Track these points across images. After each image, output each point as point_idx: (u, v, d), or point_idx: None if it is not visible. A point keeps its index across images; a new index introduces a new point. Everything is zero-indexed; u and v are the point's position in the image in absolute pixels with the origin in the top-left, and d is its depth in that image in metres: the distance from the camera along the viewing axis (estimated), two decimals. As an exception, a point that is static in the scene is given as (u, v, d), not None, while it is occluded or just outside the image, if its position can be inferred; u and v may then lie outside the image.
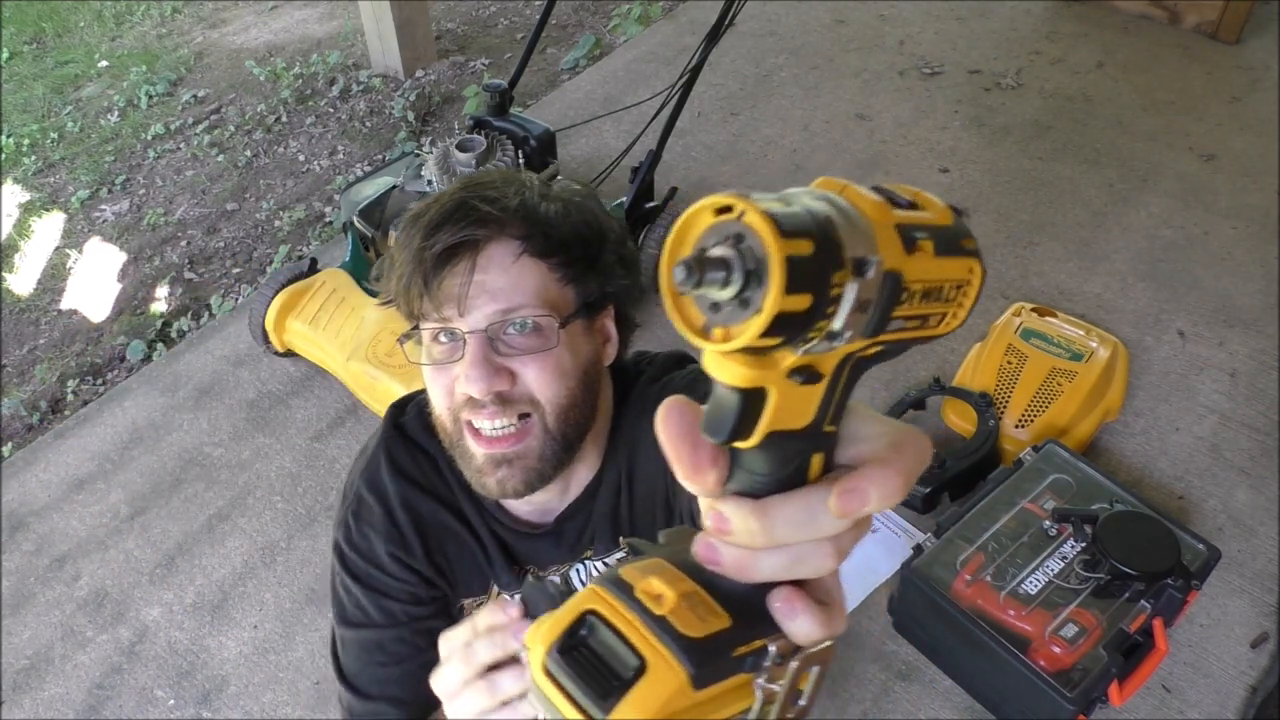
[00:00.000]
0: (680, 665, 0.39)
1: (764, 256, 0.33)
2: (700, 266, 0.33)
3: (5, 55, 3.82)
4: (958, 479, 1.90)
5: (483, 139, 2.12)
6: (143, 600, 1.86)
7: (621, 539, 1.02)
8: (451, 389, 0.88)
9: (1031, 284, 2.44)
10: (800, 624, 0.40)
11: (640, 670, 0.39)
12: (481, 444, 0.89)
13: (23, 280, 2.86)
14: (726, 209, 0.34)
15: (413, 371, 1.92)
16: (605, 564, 1.05)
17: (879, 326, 0.37)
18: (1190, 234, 2.59)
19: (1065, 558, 1.65)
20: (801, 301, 0.33)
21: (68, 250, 2.92)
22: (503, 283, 0.86)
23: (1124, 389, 2.13)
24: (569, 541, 1.02)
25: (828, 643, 0.42)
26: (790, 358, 0.36)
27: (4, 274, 2.87)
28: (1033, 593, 1.60)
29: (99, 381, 2.53)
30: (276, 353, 2.23)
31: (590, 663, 0.41)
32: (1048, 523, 1.70)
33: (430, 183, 2.10)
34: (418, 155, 2.24)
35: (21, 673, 1.77)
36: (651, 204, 2.30)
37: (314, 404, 2.20)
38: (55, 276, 2.86)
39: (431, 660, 0.85)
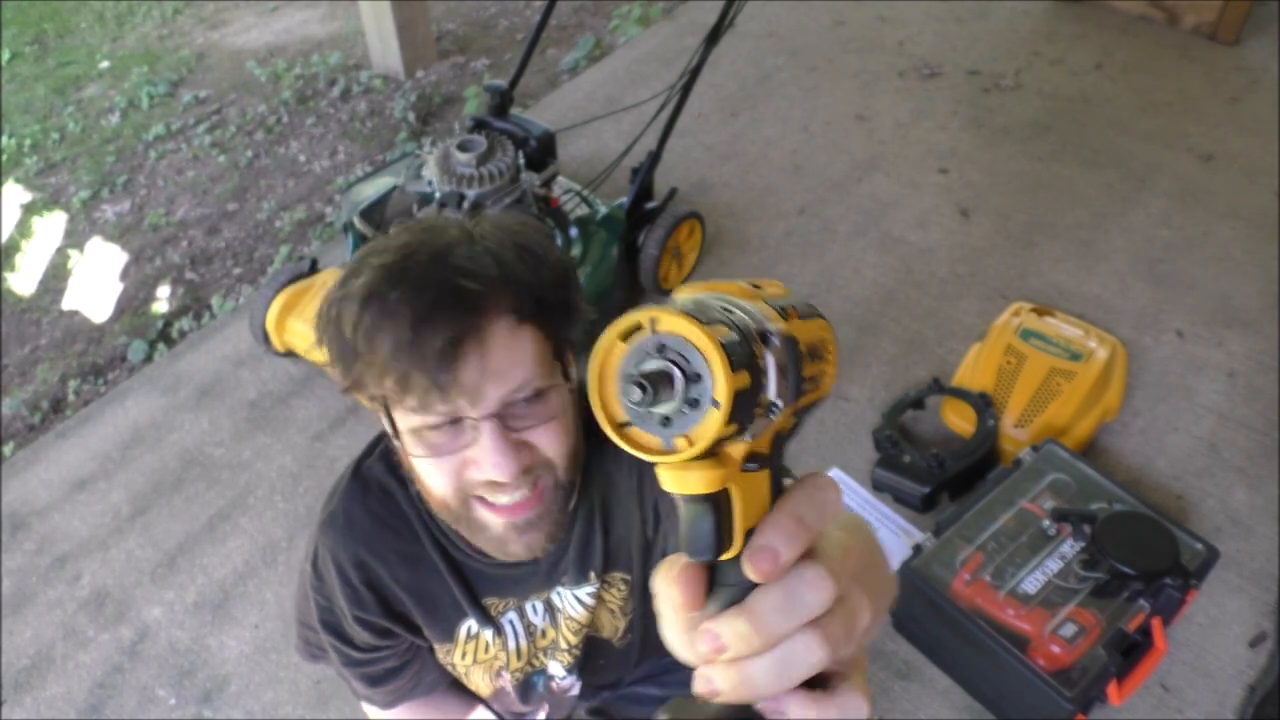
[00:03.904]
0: None
1: (698, 352, 0.35)
2: (652, 384, 0.35)
3: (7, 56, 3.83)
4: (957, 479, 1.90)
5: (483, 140, 2.12)
6: (144, 600, 1.87)
7: (592, 573, 1.02)
8: (459, 472, 0.83)
9: (1030, 284, 2.45)
10: (793, 713, 0.40)
11: None
12: (500, 514, 0.86)
13: (24, 280, 2.86)
14: (635, 328, 0.36)
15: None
16: (575, 595, 1.04)
17: (797, 388, 0.39)
18: (1189, 234, 2.60)
19: (1064, 557, 1.65)
20: (743, 379, 0.35)
21: (69, 250, 2.93)
22: (505, 360, 0.80)
23: (1122, 389, 2.13)
24: (545, 571, 1.01)
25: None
26: (741, 446, 0.37)
27: (6, 274, 2.87)
28: (1031, 592, 1.60)
29: (100, 381, 2.54)
30: (277, 353, 2.23)
31: None
32: (1047, 522, 1.71)
33: (430, 183, 2.11)
34: (418, 156, 2.24)
35: (23, 672, 1.77)
36: (651, 204, 2.31)
37: (315, 404, 2.20)
38: (57, 276, 2.87)
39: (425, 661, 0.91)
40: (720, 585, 0.40)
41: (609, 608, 1.07)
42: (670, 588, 0.39)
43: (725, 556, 0.39)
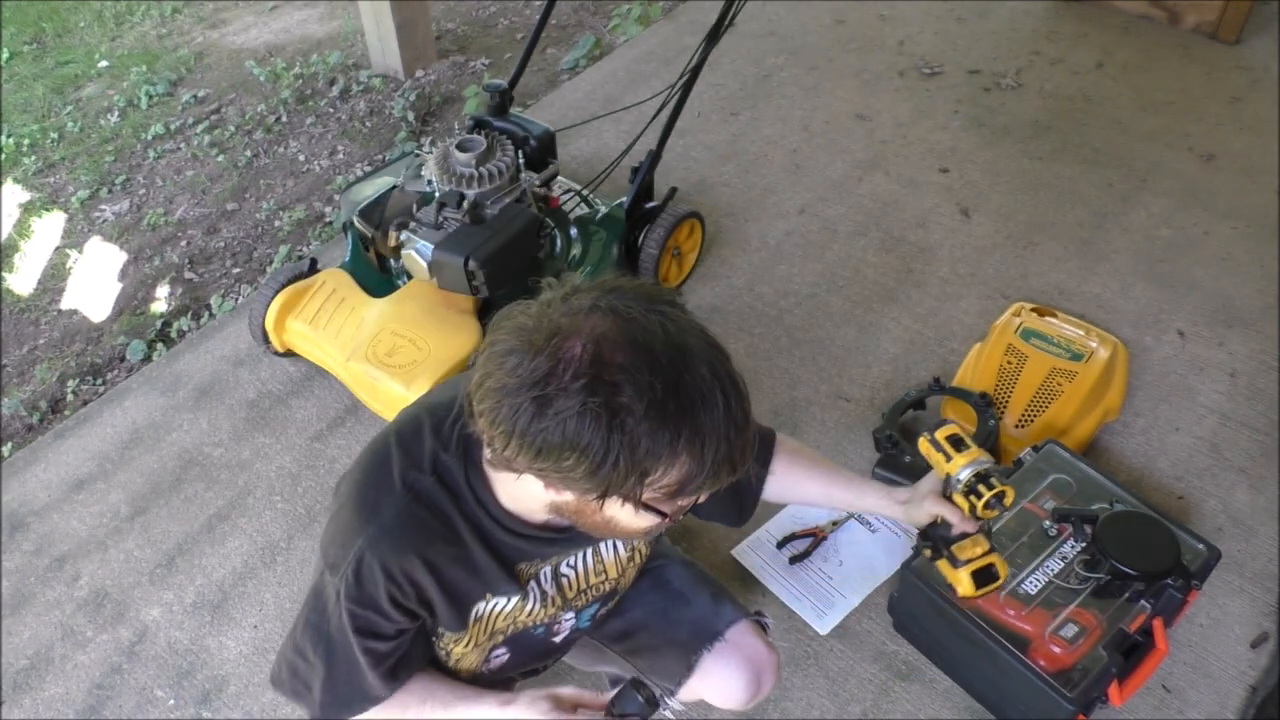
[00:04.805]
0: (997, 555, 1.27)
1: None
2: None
3: (6, 55, 3.82)
4: (957, 479, 1.90)
5: (483, 139, 2.12)
6: (143, 600, 1.86)
7: None
8: None
9: (1031, 284, 2.45)
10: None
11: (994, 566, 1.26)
12: None
13: (23, 280, 2.86)
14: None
15: (413, 371, 1.93)
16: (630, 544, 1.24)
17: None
18: (1190, 234, 2.60)
19: (1065, 557, 1.65)
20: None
21: (68, 250, 2.93)
22: None
23: (1124, 389, 2.13)
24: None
25: None
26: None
27: (4, 274, 2.87)
28: (1032, 592, 1.60)
29: (99, 381, 2.53)
30: (276, 353, 2.23)
31: (982, 576, 1.25)
32: (1047, 522, 1.70)
33: (430, 183, 2.10)
34: (418, 155, 2.24)
35: (22, 673, 1.77)
36: (651, 204, 2.30)
37: (314, 404, 2.20)
38: (55, 276, 2.86)
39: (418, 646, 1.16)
40: None
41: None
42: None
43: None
